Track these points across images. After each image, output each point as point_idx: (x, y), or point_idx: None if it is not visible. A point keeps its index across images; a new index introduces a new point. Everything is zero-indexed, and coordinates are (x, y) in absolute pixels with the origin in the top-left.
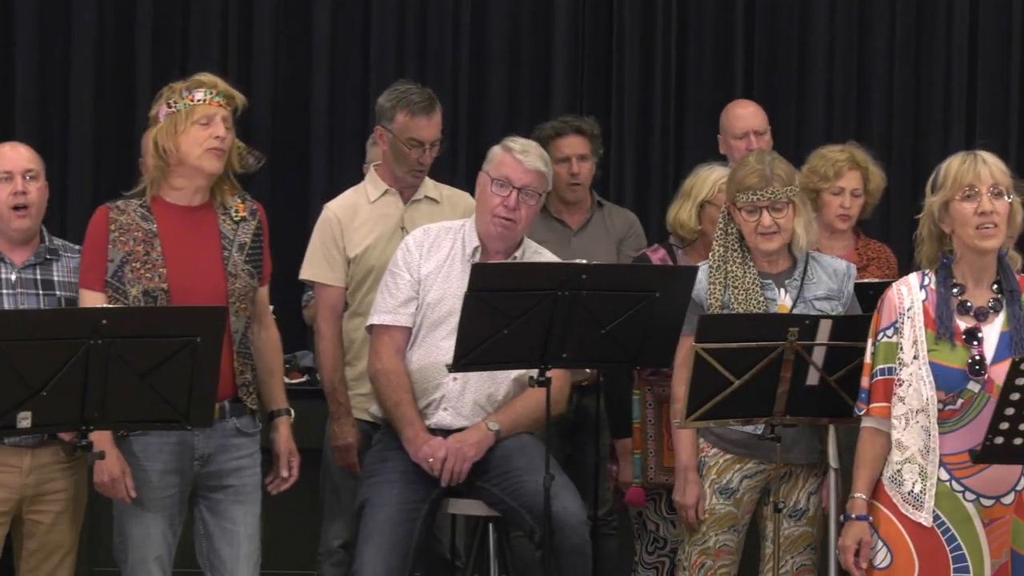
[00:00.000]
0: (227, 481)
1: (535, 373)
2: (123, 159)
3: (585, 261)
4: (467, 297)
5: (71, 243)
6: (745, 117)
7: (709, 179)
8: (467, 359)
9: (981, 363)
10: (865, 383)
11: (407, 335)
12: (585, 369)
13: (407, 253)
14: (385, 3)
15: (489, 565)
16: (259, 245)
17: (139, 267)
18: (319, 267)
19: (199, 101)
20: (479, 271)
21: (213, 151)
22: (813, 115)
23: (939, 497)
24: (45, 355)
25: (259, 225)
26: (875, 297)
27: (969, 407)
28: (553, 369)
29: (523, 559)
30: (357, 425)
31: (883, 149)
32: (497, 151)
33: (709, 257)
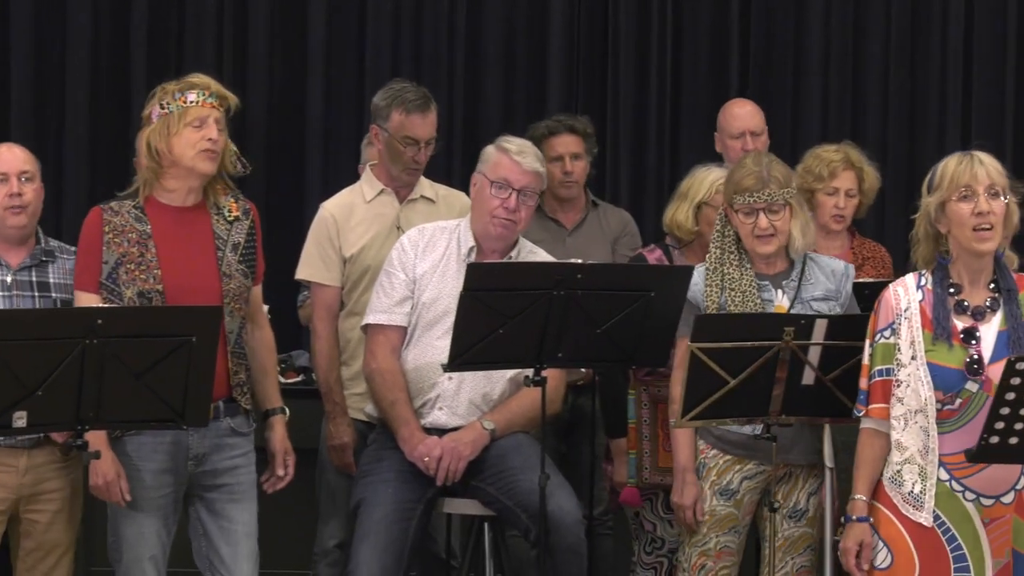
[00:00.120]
0: (222, 480)
1: (530, 372)
2: (119, 161)
3: (581, 261)
4: (462, 297)
5: (67, 245)
6: (742, 117)
7: (706, 180)
8: (463, 359)
9: (979, 362)
10: (863, 384)
11: (402, 334)
12: (581, 369)
13: (402, 253)
14: (380, 6)
15: (484, 564)
16: (253, 245)
17: (134, 268)
18: (315, 267)
19: (192, 103)
20: (474, 271)
21: (206, 153)
22: (808, 118)
23: (939, 497)
24: (40, 355)
25: (252, 224)
26: (871, 296)
27: (967, 407)
28: (548, 368)
29: (518, 558)
30: (353, 425)
31: (878, 151)
32: (492, 152)
33: (706, 259)
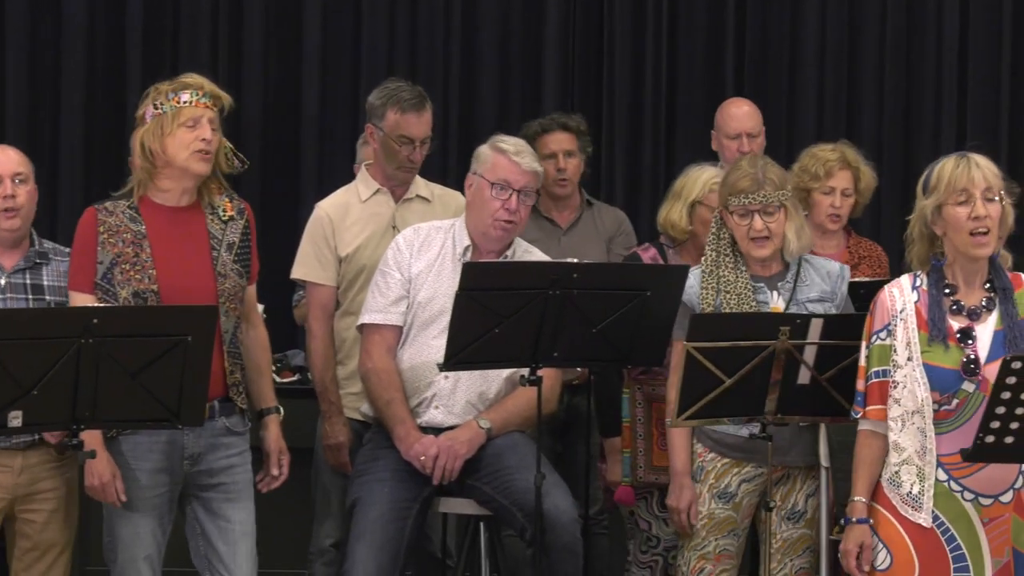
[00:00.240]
0: (218, 480)
1: (526, 372)
2: (114, 162)
3: (576, 260)
4: (458, 296)
5: (62, 246)
6: (739, 118)
7: (700, 179)
8: (458, 358)
9: (975, 363)
10: (860, 386)
11: (398, 334)
12: (576, 368)
13: (397, 252)
14: (376, 5)
15: (480, 564)
16: (247, 244)
17: (128, 269)
18: (310, 266)
19: (185, 103)
20: (470, 270)
21: (199, 153)
22: (803, 115)
23: (938, 497)
24: (36, 354)
25: (247, 224)
26: (866, 296)
27: (964, 407)
28: (544, 368)
29: (514, 558)
30: (348, 424)
31: (874, 150)
32: (489, 152)
33: (702, 261)
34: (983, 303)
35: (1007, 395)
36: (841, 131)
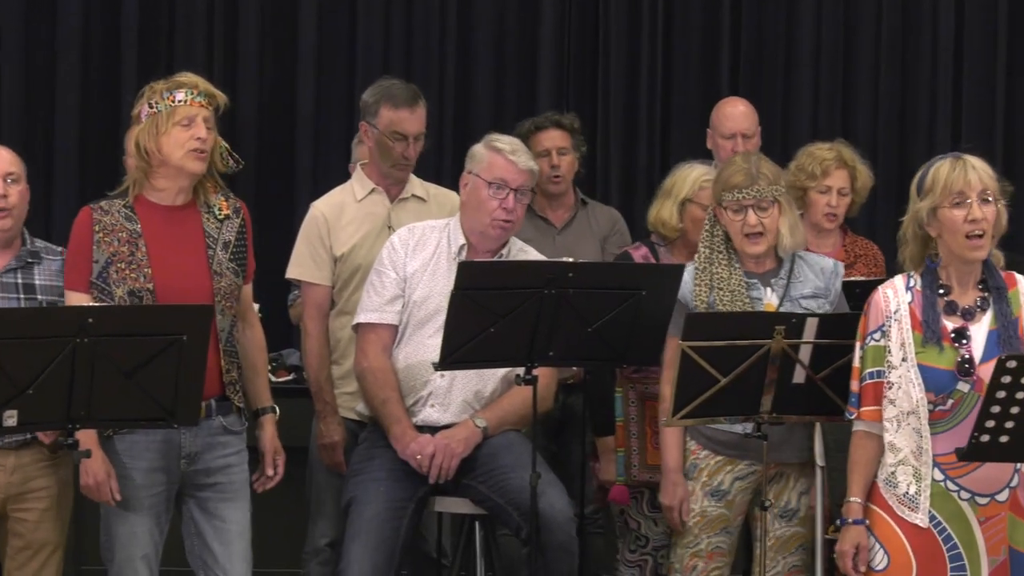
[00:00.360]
0: (215, 479)
1: (522, 371)
2: (109, 162)
3: (572, 259)
4: (454, 295)
5: (54, 245)
6: (735, 118)
7: (690, 177)
8: (454, 357)
9: (970, 362)
10: (855, 387)
11: (393, 333)
12: (572, 367)
13: (392, 251)
14: (371, 5)
15: (475, 563)
16: (243, 243)
17: (124, 268)
18: (305, 266)
19: (180, 102)
20: (465, 269)
21: (194, 152)
22: (799, 116)
23: (934, 497)
24: (31, 353)
25: (243, 223)
26: (862, 295)
27: (960, 407)
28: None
29: (509, 557)
30: (343, 424)
31: (869, 150)
32: (484, 152)
33: (695, 258)
34: (977, 303)
35: (1002, 394)
36: (836, 132)
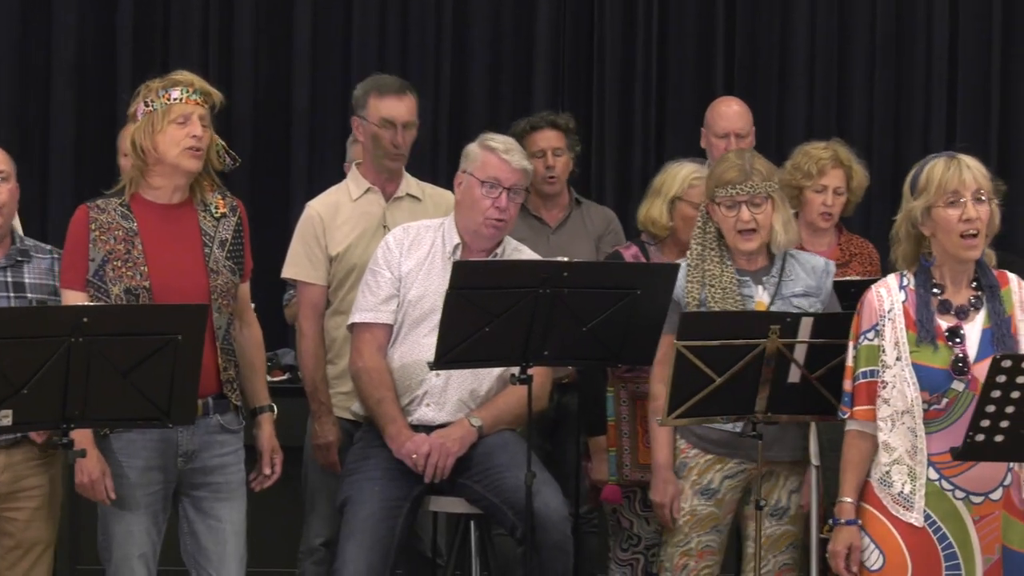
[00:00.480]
0: (211, 478)
1: (517, 370)
2: (104, 160)
3: (567, 259)
4: (449, 295)
5: (53, 244)
6: (729, 117)
7: (679, 175)
8: (449, 357)
9: (964, 362)
10: (848, 386)
11: (388, 332)
12: (567, 366)
13: (387, 251)
14: (366, 2)
15: (471, 563)
16: (240, 241)
17: (120, 265)
18: (301, 266)
19: (175, 100)
20: (460, 269)
21: (190, 150)
22: (793, 122)
23: (929, 496)
24: (26, 353)
25: (239, 221)
26: (857, 295)
27: (954, 406)
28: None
29: (504, 556)
30: (338, 423)
31: (864, 152)
32: (478, 151)
33: (687, 255)
34: (970, 302)
35: (997, 393)
36: (831, 132)
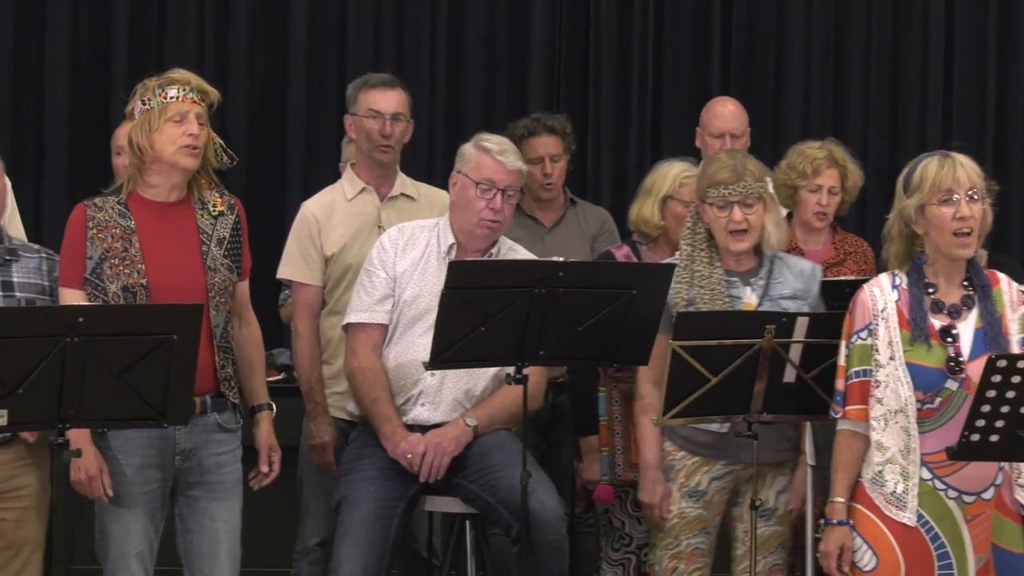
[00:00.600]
0: (207, 477)
1: (512, 370)
2: (99, 158)
3: (562, 259)
4: (444, 295)
5: (47, 242)
6: (724, 117)
7: (670, 174)
8: (444, 357)
9: (958, 361)
10: (840, 386)
11: (383, 332)
12: (562, 366)
13: (382, 251)
14: (362, 2)
15: (466, 563)
16: (238, 239)
17: (117, 263)
18: (296, 266)
19: (172, 98)
20: (456, 268)
21: (186, 149)
22: (789, 116)
23: (922, 496)
24: (21, 352)
25: (237, 219)
26: (852, 295)
27: (948, 405)
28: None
29: (500, 556)
30: (333, 424)
31: (859, 150)
32: (472, 152)
33: (677, 255)
34: (963, 301)
35: (992, 393)
36: (827, 131)
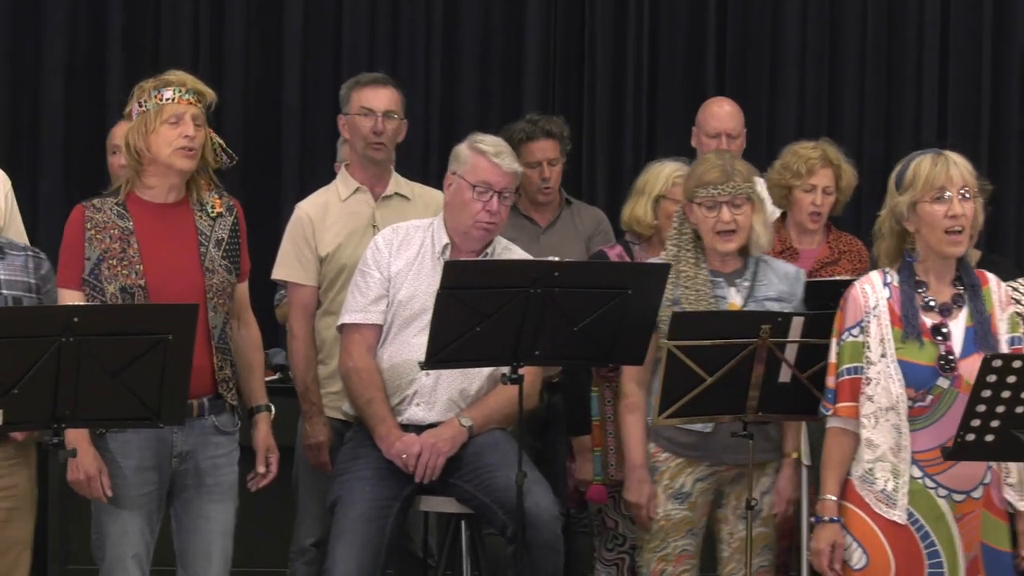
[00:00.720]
0: (203, 479)
1: (507, 370)
2: (95, 159)
3: (558, 259)
4: (439, 295)
5: (43, 243)
6: (720, 117)
7: (662, 174)
8: (439, 356)
9: (951, 359)
10: (831, 383)
11: (378, 333)
12: (558, 366)
13: (376, 251)
14: (357, 3)
15: (461, 563)
16: (236, 241)
17: (116, 264)
18: (291, 267)
19: (168, 100)
20: (451, 268)
21: (183, 150)
22: (784, 115)
23: (912, 494)
24: (16, 353)
25: (236, 221)
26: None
27: (939, 403)
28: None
29: (495, 556)
30: (329, 424)
31: (854, 150)
32: (468, 153)
33: (663, 255)
34: (953, 299)
35: (987, 393)
36: (822, 130)
